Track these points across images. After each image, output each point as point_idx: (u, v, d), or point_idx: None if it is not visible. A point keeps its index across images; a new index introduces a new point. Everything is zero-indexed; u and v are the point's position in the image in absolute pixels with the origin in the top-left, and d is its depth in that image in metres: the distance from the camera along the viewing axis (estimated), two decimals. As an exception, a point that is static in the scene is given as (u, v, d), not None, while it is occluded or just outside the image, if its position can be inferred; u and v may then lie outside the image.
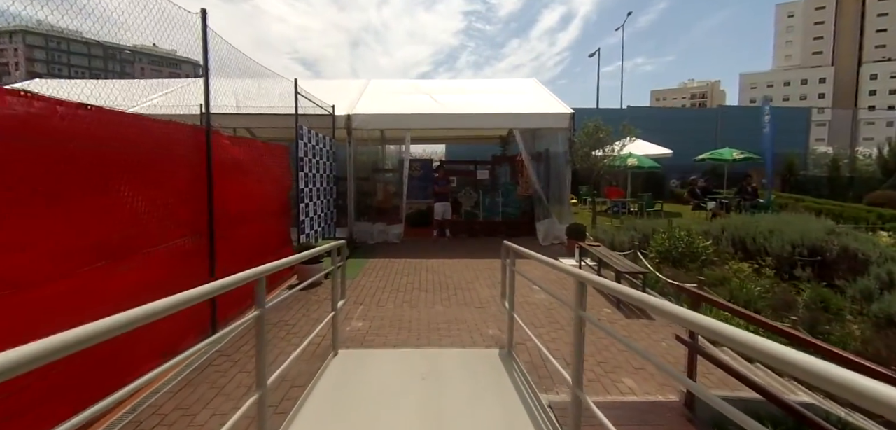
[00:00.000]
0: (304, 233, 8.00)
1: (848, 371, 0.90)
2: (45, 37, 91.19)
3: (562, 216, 11.01)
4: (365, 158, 13.70)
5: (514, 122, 10.87)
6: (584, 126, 10.92)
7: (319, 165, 9.26)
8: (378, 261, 8.79)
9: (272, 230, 6.66)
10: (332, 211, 10.49)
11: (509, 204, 12.34)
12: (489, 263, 8.64)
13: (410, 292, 6.63)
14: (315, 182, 8.87)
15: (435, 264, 8.60)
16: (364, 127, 10.62)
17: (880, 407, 0.83)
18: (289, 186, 7.47)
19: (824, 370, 0.94)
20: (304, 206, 8.08)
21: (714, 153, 14.16)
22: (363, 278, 7.49)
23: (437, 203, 11.28)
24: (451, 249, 10.19)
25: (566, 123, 10.68)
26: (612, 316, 5.74)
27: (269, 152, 6.55)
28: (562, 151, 10.81)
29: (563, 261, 8.33)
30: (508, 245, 4.42)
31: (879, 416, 1.61)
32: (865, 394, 0.85)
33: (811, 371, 0.96)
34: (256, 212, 6.12)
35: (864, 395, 0.86)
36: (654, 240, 8.55)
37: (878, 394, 0.84)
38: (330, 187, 10.17)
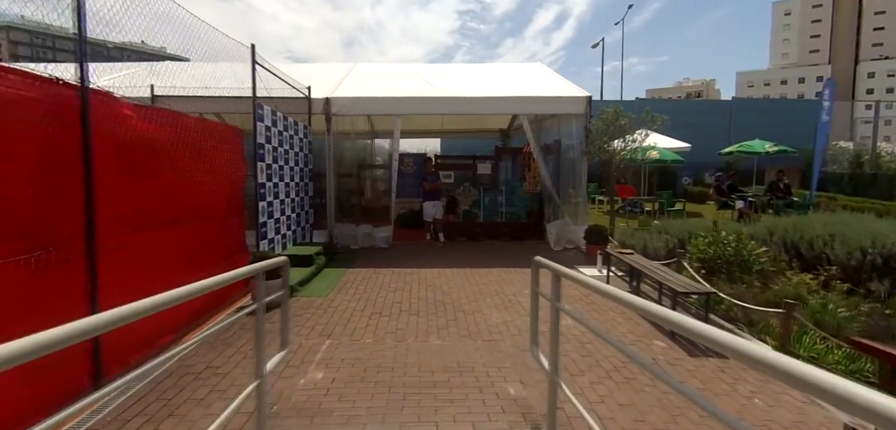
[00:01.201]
0: (265, 238, 6.41)
1: None
2: (29, 33, 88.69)
3: (576, 217, 9.49)
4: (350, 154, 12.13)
5: (520, 106, 9.34)
6: (602, 113, 9.41)
7: (290, 156, 7.68)
8: (359, 272, 7.23)
9: (215, 236, 5.08)
10: (308, 211, 8.90)
11: (514, 203, 10.81)
12: (495, 274, 7.10)
13: (397, 317, 5.07)
14: (284, 176, 7.29)
15: (429, 275, 7.05)
16: (346, 112, 9.05)
17: None
18: (243, 178, 5.89)
19: None
20: (267, 204, 6.49)
21: (742, 146, 12.74)
22: (338, 294, 5.92)
23: (427, 202, 9.71)
24: (449, 255, 8.64)
25: (581, 109, 9.17)
26: (670, 352, 4.22)
27: (209, 133, 4.96)
28: (576, 142, 9.30)
29: (582, 271, 6.79)
30: (545, 264, 2.89)
31: None
32: None
33: None
34: (188, 212, 4.54)
35: None
36: (694, 245, 7.05)
37: None
38: (304, 183, 8.59)
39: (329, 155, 9.23)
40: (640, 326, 4.87)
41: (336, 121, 9.19)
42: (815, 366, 0.94)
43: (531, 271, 3.06)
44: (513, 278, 6.83)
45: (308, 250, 7.28)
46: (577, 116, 9.23)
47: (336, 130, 9.26)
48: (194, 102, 8.08)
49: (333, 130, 9.19)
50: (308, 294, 5.90)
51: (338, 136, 9.42)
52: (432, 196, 9.70)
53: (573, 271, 2.50)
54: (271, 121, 6.73)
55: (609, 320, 5.01)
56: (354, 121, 9.40)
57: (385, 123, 11.97)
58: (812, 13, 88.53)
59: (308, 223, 8.87)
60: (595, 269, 7.50)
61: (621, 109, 9.39)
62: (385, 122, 11.59)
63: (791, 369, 0.94)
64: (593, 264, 7.78)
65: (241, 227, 5.76)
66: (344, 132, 9.54)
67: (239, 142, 5.75)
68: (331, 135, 9.15)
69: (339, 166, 10.22)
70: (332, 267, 7.55)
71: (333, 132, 9.22)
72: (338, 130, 9.29)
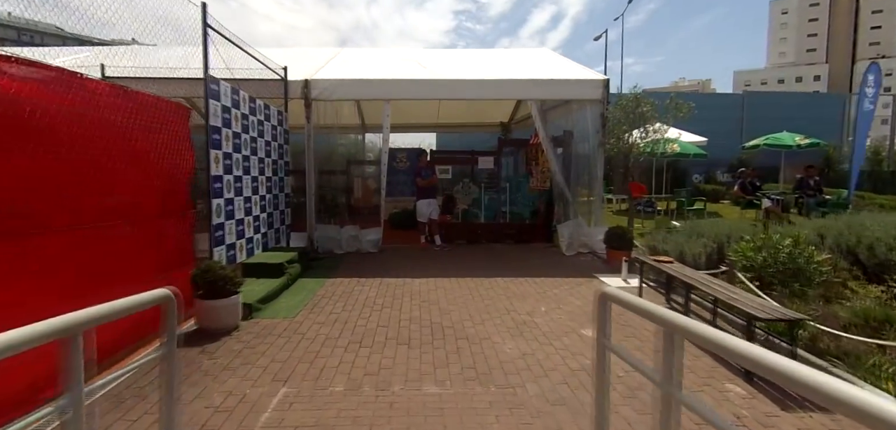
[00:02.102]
0: (222, 244, 5.21)
1: None
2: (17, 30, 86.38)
3: (590, 217, 8.36)
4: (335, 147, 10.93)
5: (527, 91, 8.18)
6: (620, 99, 8.28)
7: (259, 146, 6.49)
8: (340, 283, 6.04)
9: (142, 243, 3.88)
10: (284, 211, 7.70)
11: (518, 201, 9.66)
12: (502, 286, 5.94)
13: (381, 349, 3.89)
14: (249, 168, 6.09)
15: (424, 287, 5.88)
16: (328, 96, 7.85)
17: None
18: (189, 170, 4.69)
19: None
20: (225, 202, 5.30)
21: (769, 139, 11.68)
22: (309, 315, 4.73)
23: (421, 201, 8.51)
24: (446, 262, 7.48)
25: (598, 94, 8.02)
26: (755, 404, 3.07)
27: (134, 109, 3.77)
28: (592, 132, 8.16)
29: (606, 281, 5.65)
30: (626, 302, 1.68)
31: None
32: None
33: None
34: (99, 211, 3.34)
35: None
36: (737, 250, 5.92)
37: None
38: (279, 178, 7.39)
39: (308, 147, 8.04)
40: (699, 359, 3.72)
41: (318, 110, 7.99)
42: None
43: (595, 309, 1.88)
44: (524, 291, 5.68)
45: (278, 257, 6.08)
46: (593, 102, 8.09)
47: (318, 124, 8.05)
48: (149, 83, 6.90)
49: (315, 122, 7.99)
50: (271, 315, 4.71)
51: (319, 129, 8.21)
52: (427, 194, 8.52)
53: (687, 320, 1.32)
54: (232, 101, 5.53)
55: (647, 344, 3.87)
56: (338, 110, 8.20)
57: (375, 115, 10.79)
58: (809, 12, 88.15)
59: (284, 225, 7.67)
60: (619, 278, 6.36)
61: (642, 94, 8.26)
62: (375, 114, 10.43)
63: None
64: (615, 271, 6.65)
65: (184, 231, 4.56)
66: (326, 127, 8.31)
67: (182, 123, 4.55)
68: (310, 123, 7.95)
69: (322, 161, 9.02)
70: (308, 277, 6.36)
71: (315, 123, 8.02)
72: (319, 123, 8.08)
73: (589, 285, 6.05)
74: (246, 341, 3.99)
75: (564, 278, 6.36)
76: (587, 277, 6.49)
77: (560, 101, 8.81)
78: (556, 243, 8.79)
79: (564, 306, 5.10)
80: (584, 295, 5.56)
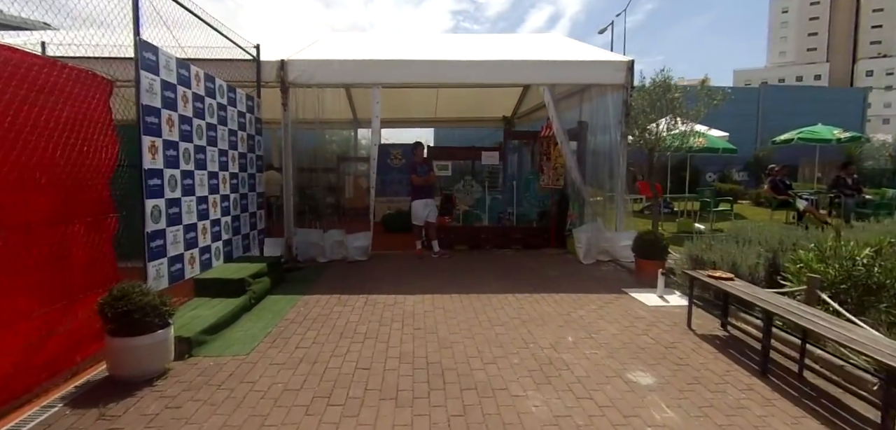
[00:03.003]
0: (162, 256, 4.10)
1: None
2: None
3: (611, 221, 7.30)
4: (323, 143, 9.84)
5: (539, 73, 7.08)
6: (642, 87, 7.21)
7: (220, 135, 5.39)
8: (317, 302, 4.94)
9: (29, 260, 2.77)
10: (256, 213, 6.59)
11: (527, 202, 8.58)
12: (514, 304, 4.84)
13: (358, 410, 2.79)
14: (205, 162, 4.99)
15: (419, 306, 4.79)
16: (308, 81, 6.75)
17: None
18: (111, 162, 3.58)
19: None
20: (166, 204, 4.19)
21: (804, 132, 10.62)
22: (268, 350, 3.63)
23: (417, 201, 7.41)
24: (445, 273, 6.39)
25: (621, 77, 6.95)
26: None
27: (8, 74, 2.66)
28: (613, 122, 7.08)
29: (640, 298, 4.61)
30: None
31: None
32: None
33: None
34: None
35: None
36: (796, 260, 4.85)
37: None
38: (248, 175, 6.28)
39: (286, 139, 6.93)
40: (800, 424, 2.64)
41: (299, 100, 6.89)
42: None
43: None
44: (542, 313, 4.59)
45: (242, 271, 4.98)
46: (615, 87, 7.01)
47: (299, 119, 6.95)
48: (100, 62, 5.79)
49: (296, 116, 6.89)
50: (218, 351, 3.60)
51: (299, 125, 7.10)
52: (423, 193, 7.43)
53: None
54: (178, 77, 4.43)
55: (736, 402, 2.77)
56: (322, 100, 7.07)
57: (368, 108, 9.62)
58: (810, 11, 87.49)
59: (255, 230, 6.56)
60: (653, 294, 5.28)
61: (671, 78, 7.20)
62: (368, 107, 9.27)
63: None
64: (647, 285, 5.57)
65: (101, 241, 3.45)
66: (306, 121, 7.16)
67: (98, 100, 3.44)
68: (288, 111, 6.84)
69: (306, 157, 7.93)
70: (279, 293, 5.25)
71: (296, 118, 6.93)
72: (299, 117, 6.97)
73: (620, 304, 4.98)
74: (171, 396, 2.89)
75: (588, 295, 5.28)
76: (615, 293, 5.41)
77: (575, 87, 7.74)
78: (570, 248, 7.72)
79: (597, 336, 4.02)
80: (619, 318, 4.48)
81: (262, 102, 6.70)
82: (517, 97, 11.96)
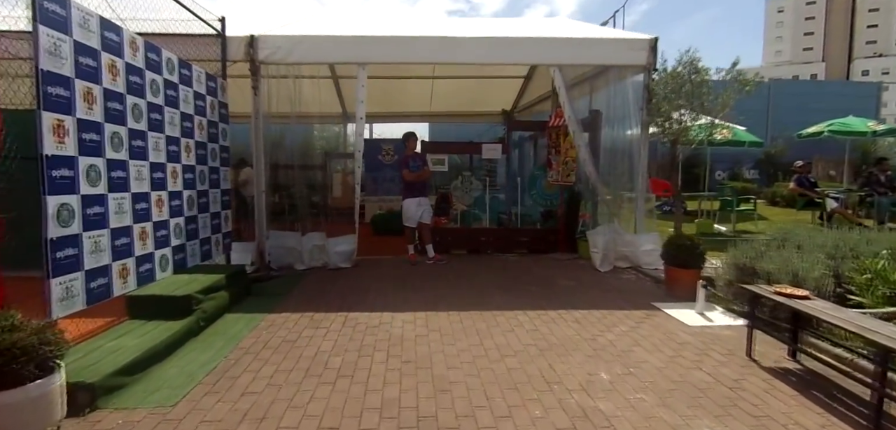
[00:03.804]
0: (77, 271, 3.15)
1: None
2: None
3: (631, 222, 6.42)
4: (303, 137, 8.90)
5: (550, 52, 6.16)
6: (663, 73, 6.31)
7: (167, 119, 4.44)
8: (284, 321, 4.01)
9: None
10: (221, 214, 5.65)
11: (532, 200, 7.69)
12: (526, 324, 3.93)
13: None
14: (144, 152, 4.05)
15: (409, 328, 3.87)
16: (283, 59, 5.81)
17: None
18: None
19: None
20: (80, 202, 3.24)
21: (835, 124, 9.79)
22: (204, 398, 2.70)
23: (409, 200, 6.49)
24: (443, 283, 5.48)
25: (643, 57, 6.07)
26: None
27: None
28: (634, 109, 6.21)
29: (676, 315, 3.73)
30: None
31: None
32: None
33: None
34: None
35: None
36: (865, 270, 3.98)
37: None
38: (208, 169, 5.33)
39: (256, 126, 5.99)
40: None
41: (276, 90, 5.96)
42: None
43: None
44: (563, 337, 3.69)
45: (190, 285, 4.03)
46: (635, 69, 6.14)
47: (267, 112, 6.03)
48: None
49: (275, 107, 5.98)
50: (132, 402, 2.66)
51: (274, 119, 6.18)
52: (416, 191, 6.51)
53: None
54: (102, 41, 3.48)
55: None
56: (299, 90, 6.12)
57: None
58: (805, 11, 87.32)
59: (220, 233, 5.61)
60: (691, 310, 4.40)
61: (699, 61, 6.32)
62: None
63: None
64: (682, 299, 4.69)
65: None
66: (281, 115, 6.23)
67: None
68: (259, 95, 5.90)
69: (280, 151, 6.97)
70: (239, 311, 4.32)
71: (274, 106, 6.01)
72: (270, 111, 6.04)
73: (654, 324, 4.09)
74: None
75: (613, 312, 4.39)
76: (644, 309, 4.52)
77: (587, 73, 6.83)
78: (582, 253, 6.85)
79: (639, 371, 3.12)
80: (659, 344, 3.58)
81: (228, 83, 5.76)
82: (518, 89, 11.08)
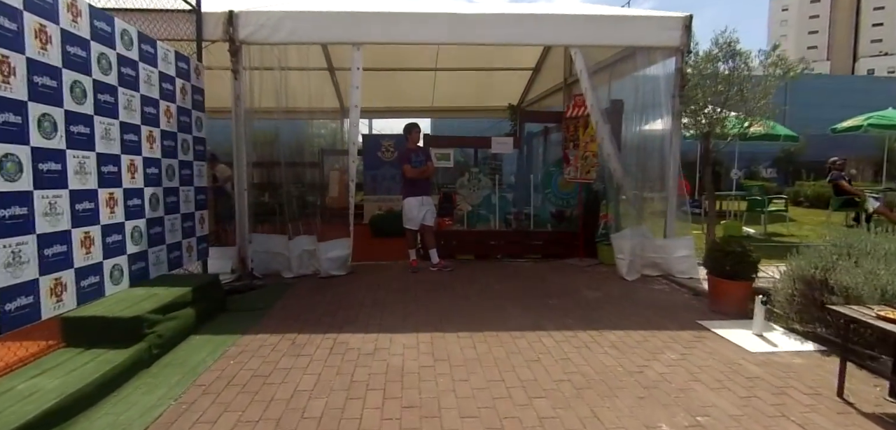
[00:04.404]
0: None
1: None
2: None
3: (660, 225, 5.70)
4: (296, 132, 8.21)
5: (569, 31, 5.41)
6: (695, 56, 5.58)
7: (128, 104, 3.72)
8: (259, 346, 3.29)
9: None
10: (195, 215, 4.93)
11: (548, 200, 6.97)
12: (556, 352, 3.21)
13: None
14: (94, 139, 3.33)
15: (411, 358, 3.15)
16: (267, 38, 5.09)
17: None
18: None
19: None
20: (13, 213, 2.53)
21: (874, 118, 8.99)
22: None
23: (410, 199, 5.76)
24: (450, 295, 4.76)
25: (675, 38, 5.36)
26: None
27: None
28: (665, 97, 5.49)
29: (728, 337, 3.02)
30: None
31: None
32: None
33: None
34: None
35: None
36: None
37: None
38: (178, 163, 4.61)
39: (237, 115, 5.28)
40: None
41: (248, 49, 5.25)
42: None
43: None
44: (603, 368, 2.96)
45: (142, 303, 3.31)
46: (667, 51, 5.42)
47: (249, 107, 5.31)
48: None
49: (251, 104, 5.27)
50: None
51: (260, 114, 5.46)
52: (419, 189, 5.80)
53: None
54: (39, 3, 2.77)
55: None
56: (285, 81, 5.41)
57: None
58: (810, 9, 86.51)
59: (194, 237, 4.89)
60: (747, 332, 3.68)
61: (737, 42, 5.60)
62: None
63: None
64: (731, 316, 3.97)
65: None
66: (264, 110, 5.51)
67: None
68: (239, 82, 5.18)
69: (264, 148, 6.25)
70: (206, 332, 3.60)
71: (252, 102, 5.31)
72: (250, 106, 5.32)
73: (708, 349, 3.37)
74: None
75: (654, 333, 3.68)
76: (691, 328, 3.80)
77: (611, 56, 6.10)
78: (602, 258, 6.15)
79: (707, 419, 2.40)
80: (722, 379, 2.86)
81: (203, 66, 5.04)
82: (525, 82, 10.42)
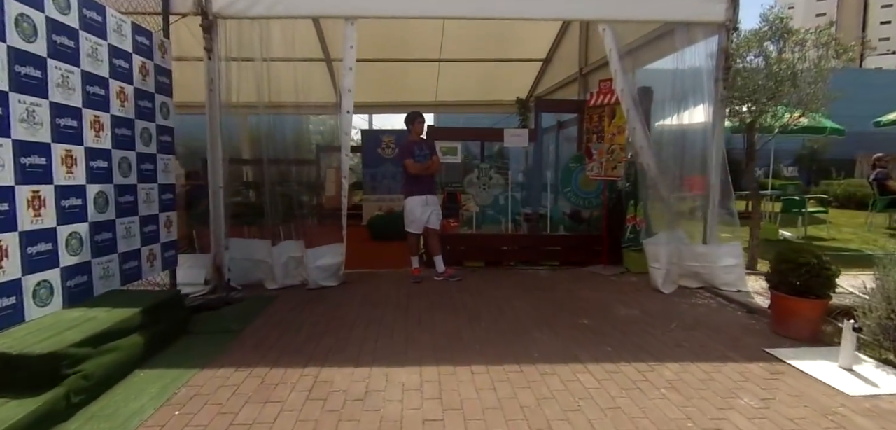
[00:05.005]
0: None
1: None
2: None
3: (700, 230, 4.97)
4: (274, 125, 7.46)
5: (603, 5, 4.67)
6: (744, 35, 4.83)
7: (67, 82, 3.01)
8: (219, 387, 2.57)
9: None
10: (157, 217, 4.21)
11: (567, 200, 6.24)
12: (598, 389, 2.46)
13: None
14: (7, 121, 2.62)
15: (416, 404, 2.42)
16: (246, 12, 4.37)
17: None
18: None
19: None
20: None
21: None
22: None
23: (413, 198, 5.01)
24: (460, 311, 4.03)
25: (719, 12, 4.62)
26: None
27: None
28: (706, 82, 4.75)
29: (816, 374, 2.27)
30: None
31: None
32: None
33: None
34: None
35: None
36: None
37: None
38: (135, 157, 3.89)
39: (212, 103, 4.55)
40: None
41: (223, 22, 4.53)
42: None
43: None
44: (662, 421, 2.24)
45: (69, 333, 2.59)
46: (709, 29, 4.68)
47: (225, 102, 4.59)
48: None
49: (228, 99, 4.55)
50: None
51: (243, 109, 4.73)
52: (423, 187, 5.06)
53: None
54: None
55: None
56: (266, 70, 4.68)
57: (358, 90, 7.18)
58: (816, 7, 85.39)
59: (161, 243, 4.17)
60: (833, 364, 2.94)
61: (790, 20, 4.87)
62: (358, 90, 6.83)
63: None
64: (802, 339, 3.24)
65: None
66: (248, 105, 4.78)
67: None
68: (213, 61, 4.46)
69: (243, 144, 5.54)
70: (160, 364, 2.88)
71: (228, 102, 4.59)
72: (227, 100, 4.59)
73: (793, 389, 2.64)
74: None
75: (718, 366, 2.94)
76: (760, 359, 3.07)
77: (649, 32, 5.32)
78: (628, 265, 5.44)
79: None
80: None
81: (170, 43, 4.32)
82: (535, 74, 9.78)
